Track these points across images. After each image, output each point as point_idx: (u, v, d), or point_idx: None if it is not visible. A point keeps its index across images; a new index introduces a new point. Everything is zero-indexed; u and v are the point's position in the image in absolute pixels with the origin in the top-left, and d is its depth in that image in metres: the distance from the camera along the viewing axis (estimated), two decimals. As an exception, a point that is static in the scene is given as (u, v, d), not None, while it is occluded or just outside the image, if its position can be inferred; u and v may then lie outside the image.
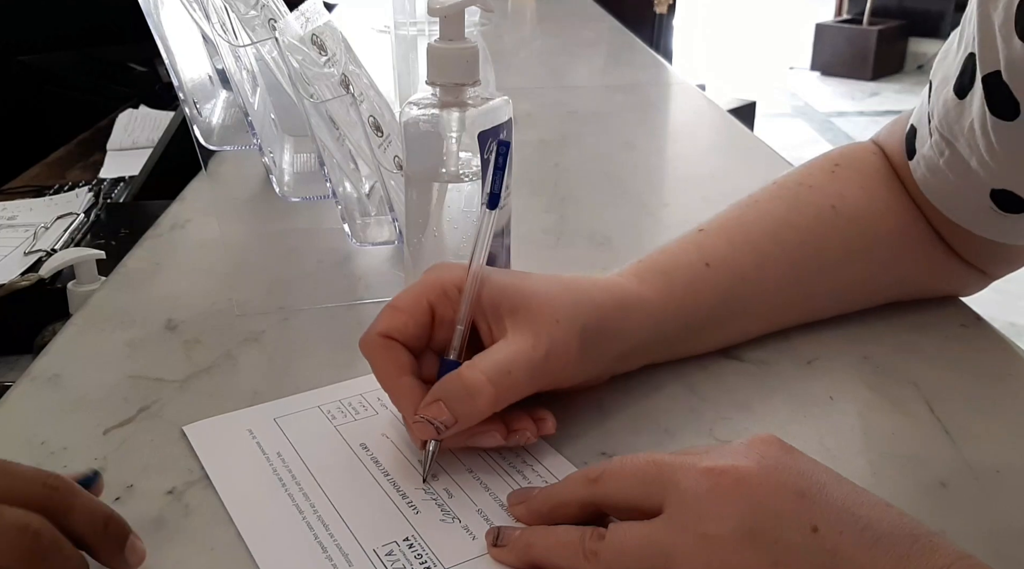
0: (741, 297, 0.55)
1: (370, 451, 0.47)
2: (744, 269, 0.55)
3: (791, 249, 0.56)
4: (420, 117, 0.52)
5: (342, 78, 0.62)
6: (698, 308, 0.53)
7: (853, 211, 0.58)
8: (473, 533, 0.41)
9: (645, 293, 0.52)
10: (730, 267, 0.54)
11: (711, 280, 0.54)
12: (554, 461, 0.46)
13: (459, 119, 0.52)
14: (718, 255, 0.55)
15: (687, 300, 0.53)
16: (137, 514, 0.43)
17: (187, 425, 0.49)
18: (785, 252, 0.56)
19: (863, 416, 0.50)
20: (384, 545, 0.41)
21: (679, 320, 0.53)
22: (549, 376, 0.46)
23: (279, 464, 0.46)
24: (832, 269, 0.57)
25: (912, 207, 0.59)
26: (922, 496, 0.43)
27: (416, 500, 0.43)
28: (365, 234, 0.65)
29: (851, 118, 4.60)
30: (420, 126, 0.52)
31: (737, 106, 3.23)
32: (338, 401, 0.51)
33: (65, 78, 1.64)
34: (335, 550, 0.40)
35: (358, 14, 1.17)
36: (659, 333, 0.52)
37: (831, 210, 0.57)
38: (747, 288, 0.55)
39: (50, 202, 1.22)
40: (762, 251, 0.56)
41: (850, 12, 5.57)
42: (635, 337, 0.51)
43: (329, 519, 0.42)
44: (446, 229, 0.54)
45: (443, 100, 0.52)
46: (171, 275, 0.70)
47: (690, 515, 0.36)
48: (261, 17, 0.62)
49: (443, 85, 0.52)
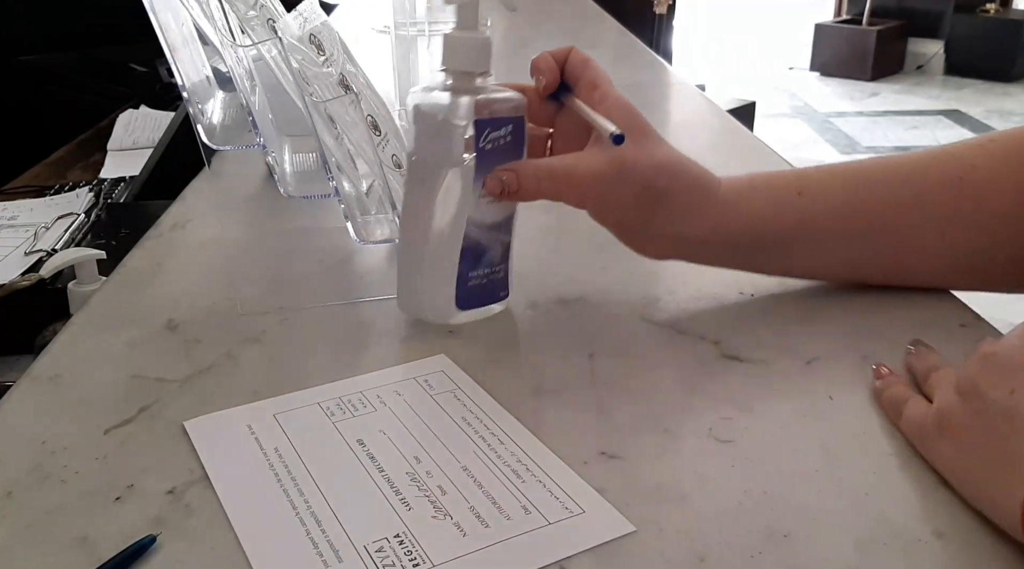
0: (823, 227, 0.58)
1: (366, 447, 0.47)
2: (835, 206, 0.58)
3: (892, 197, 0.58)
4: (429, 102, 0.54)
5: (340, 77, 0.62)
6: (774, 228, 0.58)
7: (980, 186, 0.57)
8: (464, 530, 0.41)
9: (729, 196, 0.57)
10: (821, 201, 0.58)
11: (797, 206, 0.58)
12: (549, 461, 0.46)
13: (467, 106, 0.53)
14: (811, 188, 0.58)
15: (765, 216, 0.58)
16: (137, 514, 0.43)
17: (187, 420, 0.49)
18: (887, 205, 0.58)
19: (863, 416, 0.50)
20: (375, 541, 0.41)
21: (751, 233, 0.58)
22: (595, 199, 0.56)
23: (276, 459, 0.46)
24: (934, 227, 0.58)
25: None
26: (922, 496, 0.44)
27: (409, 497, 0.44)
28: (366, 232, 0.65)
29: (850, 118, 4.61)
30: (428, 111, 0.54)
31: (737, 106, 3.23)
32: (338, 398, 0.52)
33: (65, 78, 1.64)
34: (326, 546, 0.40)
35: (358, 14, 1.17)
36: (727, 235, 0.57)
37: (957, 181, 0.58)
38: (831, 220, 0.58)
39: (51, 202, 1.22)
40: (861, 197, 0.58)
41: (849, 12, 5.57)
42: (702, 227, 0.57)
43: (322, 515, 0.42)
44: (444, 214, 0.56)
45: (454, 87, 0.54)
46: (171, 275, 0.70)
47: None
48: (260, 17, 0.62)
49: (455, 72, 0.54)
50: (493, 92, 0.54)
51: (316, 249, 0.72)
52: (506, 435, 0.48)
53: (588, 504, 0.43)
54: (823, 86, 5.20)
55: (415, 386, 0.53)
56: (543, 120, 0.59)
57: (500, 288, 0.60)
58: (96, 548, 0.41)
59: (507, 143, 0.55)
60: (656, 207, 0.56)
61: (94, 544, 0.41)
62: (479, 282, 0.58)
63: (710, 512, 0.42)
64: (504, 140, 0.54)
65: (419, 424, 0.49)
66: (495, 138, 0.54)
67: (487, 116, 0.53)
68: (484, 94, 0.54)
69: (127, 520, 0.42)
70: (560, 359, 0.56)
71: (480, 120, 0.53)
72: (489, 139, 0.53)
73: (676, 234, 0.57)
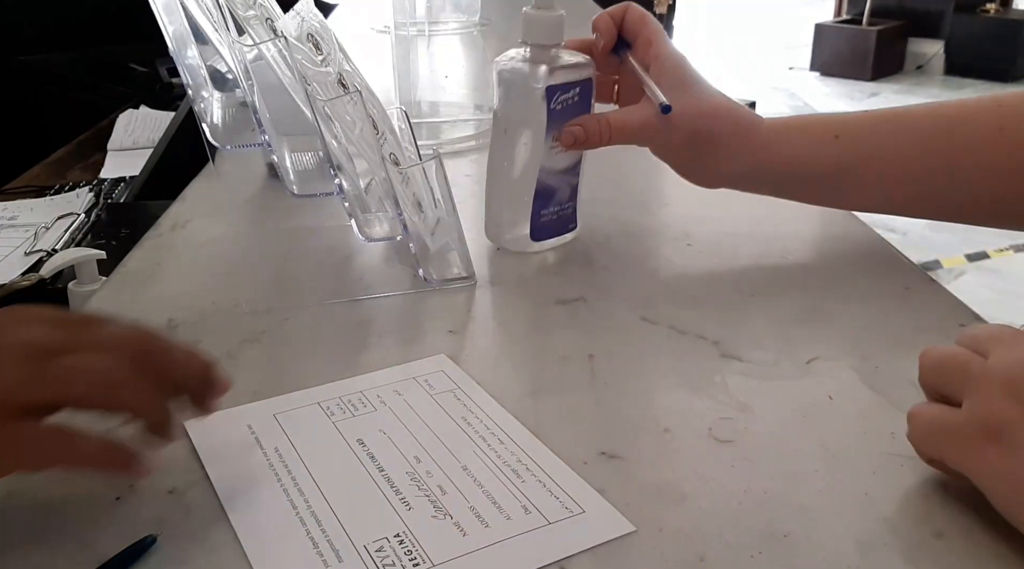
0: (864, 174, 0.63)
1: (367, 447, 0.47)
2: (871, 149, 0.63)
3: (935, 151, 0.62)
4: (511, 69, 0.65)
5: (338, 76, 0.62)
6: (811, 168, 0.64)
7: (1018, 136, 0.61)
8: (464, 530, 0.41)
9: (769, 137, 0.64)
10: (858, 143, 0.63)
11: (834, 147, 0.63)
12: (549, 461, 0.46)
13: (544, 74, 0.64)
14: (849, 131, 0.63)
15: (801, 157, 0.64)
16: (137, 514, 0.43)
17: (188, 420, 0.49)
18: (926, 151, 0.62)
19: (863, 416, 0.50)
20: (375, 541, 0.41)
21: (791, 171, 0.64)
22: (650, 141, 0.66)
23: (276, 459, 0.47)
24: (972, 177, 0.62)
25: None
26: (922, 496, 0.43)
27: (409, 496, 0.43)
28: (366, 230, 0.65)
29: (851, 118, 4.60)
30: (509, 76, 0.65)
31: (737, 106, 3.22)
32: (338, 398, 0.52)
33: (65, 78, 1.64)
34: (326, 545, 0.40)
35: (358, 14, 1.17)
36: (769, 172, 0.65)
37: (998, 132, 0.61)
38: (871, 168, 0.63)
39: (51, 202, 1.22)
40: (898, 141, 0.62)
41: (850, 12, 5.57)
42: (745, 163, 0.64)
43: (322, 514, 0.42)
44: (521, 163, 0.67)
45: (532, 57, 0.64)
46: (172, 275, 0.70)
47: None
48: (259, 17, 0.63)
49: (532, 44, 0.65)
50: (564, 60, 0.65)
51: (316, 249, 0.72)
52: (506, 435, 0.48)
53: (588, 504, 0.43)
54: (823, 86, 5.20)
55: (415, 386, 0.53)
56: (609, 70, 0.69)
57: (569, 221, 0.71)
58: (96, 548, 0.41)
59: (575, 102, 0.65)
60: (704, 148, 0.64)
61: (94, 544, 0.41)
62: (550, 218, 0.69)
63: (710, 512, 0.42)
64: (572, 100, 0.65)
65: (419, 424, 0.49)
66: (564, 99, 0.65)
67: (558, 82, 0.64)
68: (557, 63, 0.64)
69: (127, 520, 0.42)
70: (560, 359, 0.56)
71: (551, 86, 0.64)
72: (559, 101, 0.64)
73: (723, 170, 0.66)
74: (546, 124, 0.65)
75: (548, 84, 0.64)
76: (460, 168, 0.90)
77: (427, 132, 1.01)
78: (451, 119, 1.05)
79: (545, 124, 0.65)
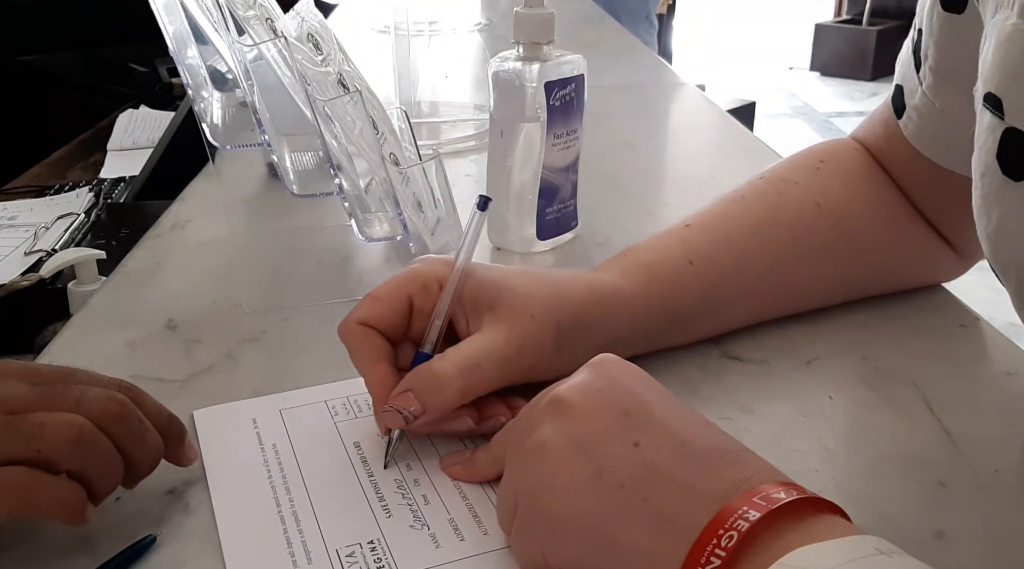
0: (723, 293, 0.56)
1: (362, 450, 0.47)
2: (726, 267, 0.56)
3: (773, 245, 0.57)
4: (505, 69, 0.65)
5: (338, 76, 0.62)
6: (680, 303, 0.54)
7: (836, 207, 0.59)
8: (439, 541, 0.41)
9: (626, 288, 0.53)
10: (713, 264, 0.55)
11: (694, 276, 0.55)
12: None
13: (538, 71, 0.64)
14: (701, 252, 0.55)
15: (668, 296, 0.54)
16: (137, 514, 0.43)
17: (196, 410, 0.50)
18: (767, 249, 0.57)
19: (863, 416, 0.50)
20: (347, 546, 0.41)
21: (659, 315, 0.54)
22: (521, 370, 0.47)
23: (272, 456, 0.47)
24: (813, 264, 0.58)
25: (895, 196, 0.60)
26: (922, 496, 0.43)
27: (392, 504, 0.43)
28: (367, 230, 0.65)
29: (851, 118, 4.60)
30: (505, 76, 0.65)
31: (737, 106, 3.23)
32: (345, 398, 0.52)
33: (65, 78, 1.64)
34: (299, 546, 0.41)
35: (358, 14, 1.17)
36: (638, 327, 0.53)
37: (815, 207, 0.58)
38: (729, 285, 0.56)
39: (50, 202, 1.22)
40: (745, 248, 0.57)
41: (849, 12, 5.57)
42: (613, 331, 0.52)
43: (302, 514, 0.43)
44: (522, 162, 0.67)
45: (525, 56, 0.64)
46: (171, 275, 0.70)
47: (524, 433, 0.39)
48: (259, 17, 0.62)
49: (524, 43, 0.64)
50: (557, 57, 0.65)
51: (316, 248, 0.72)
52: None
53: None
54: (823, 86, 5.20)
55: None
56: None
57: (571, 219, 0.71)
58: (96, 548, 0.41)
59: (572, 98, 0.65)
60: (574, 334, 0.50)
61: (94, 544, 0.41)
62: (554, 216, 0.69)
63: (710, 512, 0.42)
64: (569, 95, 0.65)
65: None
66: (562, 95, 0.64)
67: (555, 78, 0.64)
68: (550, 60, 0.64)
69: (127, 520, 0.42)
70: (560, 359, 0.55)
71: (549, 82, 0.64)
72: (558, 97, 0.64)
73: (595, 346, 0.47)
74: (547, 121, 0.65)
75: (546, 80, 0.64)
76: (460, 168, 0.90)
77: (427, 132, 1.01)
78: (451, 119, 1.05)
79: (546, 122, 0.65)
